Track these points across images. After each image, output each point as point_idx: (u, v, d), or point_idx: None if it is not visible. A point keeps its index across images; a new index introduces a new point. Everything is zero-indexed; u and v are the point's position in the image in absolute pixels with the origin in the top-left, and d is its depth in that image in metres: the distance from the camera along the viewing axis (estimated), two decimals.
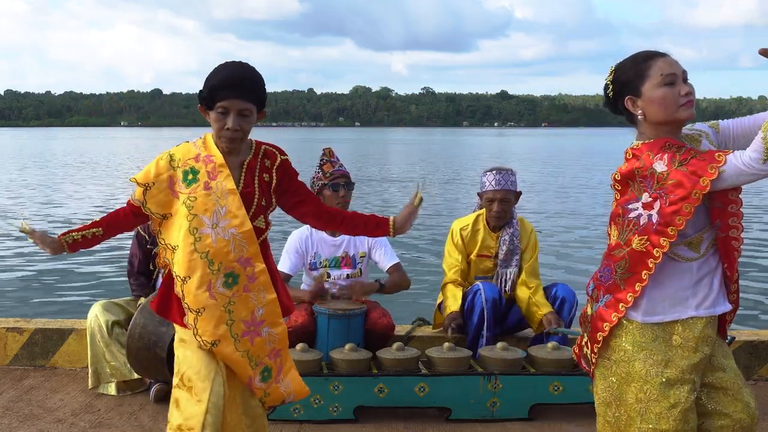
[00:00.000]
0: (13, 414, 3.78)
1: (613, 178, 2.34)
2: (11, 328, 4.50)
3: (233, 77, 2.52)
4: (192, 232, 2.52)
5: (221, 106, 2.52)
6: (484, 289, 4.14)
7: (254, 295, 2.58)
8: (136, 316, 3.81)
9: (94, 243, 2.73)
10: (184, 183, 2.57)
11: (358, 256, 4.36)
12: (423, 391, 3.72)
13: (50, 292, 8.63)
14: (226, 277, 2.53)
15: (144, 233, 4.32)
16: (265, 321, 2.61)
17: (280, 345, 2.67)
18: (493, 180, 4.28)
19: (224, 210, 2.54)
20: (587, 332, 2.44)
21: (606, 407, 2.40)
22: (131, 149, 55.92)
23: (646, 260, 2.25)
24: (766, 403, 4.04)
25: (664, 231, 2.21)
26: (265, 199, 2.65)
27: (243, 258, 2.55)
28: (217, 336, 2.52)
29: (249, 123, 2.58)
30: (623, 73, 2.36)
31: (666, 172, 2.19)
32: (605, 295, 2.35)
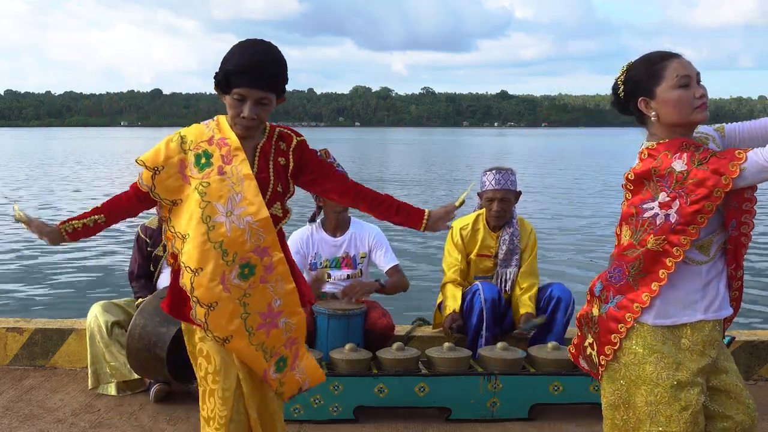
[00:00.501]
0: (13, 414, 3.78)
1: (626, 178, 2.31)
2: (11, 328, 4.50)
3: (251, 63, 2.34)
4: (205, 221, 2.36)
5: (238, 93, 2.36)
6: (483, 289, 4.14)
7: (272, 285, 2.45)
8: (135, 317, 3.81)
9: (95, 231, 2.55)
10: (197, 167, 2.40)
11: (359, 256, 4.36)
12: (423, 391, 3.72)
13: (50, 291, 8.63)
14: (242, 268, 2.38)
15: (144, 236, 4.33)
16: (283, 312, 2.48)
17: (297, 333, 2.56)
18: (493, 180, 4.28)
19: (239, 197, 2.38)
20: (593, 333, 2.40)
21: (614, 410, 2.38)
22: (132, 149, 55.96)
23: (663, 259, 2.22)
24: (766, 403, 4.04)
25: (684, 230, 2.19)
26: (282, 185, 2.50)
27: (260, 248, 2.40)
28: (230, 332, 2.40)
29: (267, 111, 2.42)
30: (636, 73, 2.33)
31: (686, 171, 2.17)
32: (616, 296, 2.32)
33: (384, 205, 2.61)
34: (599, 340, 2.37)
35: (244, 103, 2.37)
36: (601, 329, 2.35)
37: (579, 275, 9.34)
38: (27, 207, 16.80)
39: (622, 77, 2.36)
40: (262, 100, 2.37)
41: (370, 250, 4.39)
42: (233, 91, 2.36)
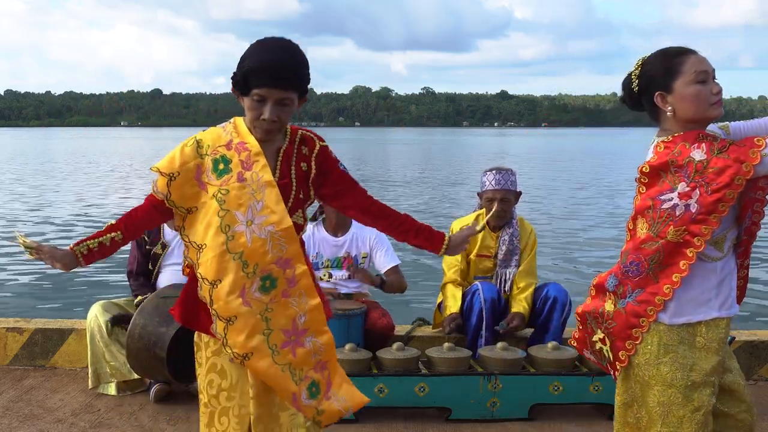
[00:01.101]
0: (13, 414, 3.78)
1: (641, 171, 2.28)
2: (11, 328, 4.50)
3: (271, 62, 2.19)
4: (224, 230, 2.21)
5: (257, 94, 2.21)
6: (482, 290, 4.14)
7: (295, 300, 2.28)
8: (135, 317, 3.81)
9: (112, 250, 2.33)
10: (214, 173, 2.25)
11: (360, 256, 4.36)
12: (423, 391, 3.72)
13: (50, 291, 8.63)
14: (263, 281, 2.23)
15: (143, 234, 4.32)
16: (309, 330, 2.30)
17: (326, 356, 2.35)
18: (493, 180, 4.27)
19: (260, 205, 2.23)
20: (604, 329, 2.36)
21: (626, 408, 2.37)
22: (133, 149, 55.94)
23: (684, 250, 2.21)
24: (766, 403, 4.04)
25: (705, 219, 2.17)
26: (303, 192, 2.36)
27: (282, 259, 2.25)
28: (249, 348, 2.22)
29: (288, 112, 2.27)
30: (653, 67, 2.32)
31: (706, 160, 2.16)
32: (635, 290, 2.28)
33: (404, 226, 2.46)
34: (617, 336, 2.33)
35: (265, 105, 2.22)
36: (619, 325, 2.31)
37: (578, 276, 9.35)
38: (29, 207, 16.79)
39: (637, 71, 2.35)
40: (284, 101, 2.22)
41: (371, 250, 4.39)
42: (252, 92, 2.21)
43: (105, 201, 18.33)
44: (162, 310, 3.79)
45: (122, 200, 18.45)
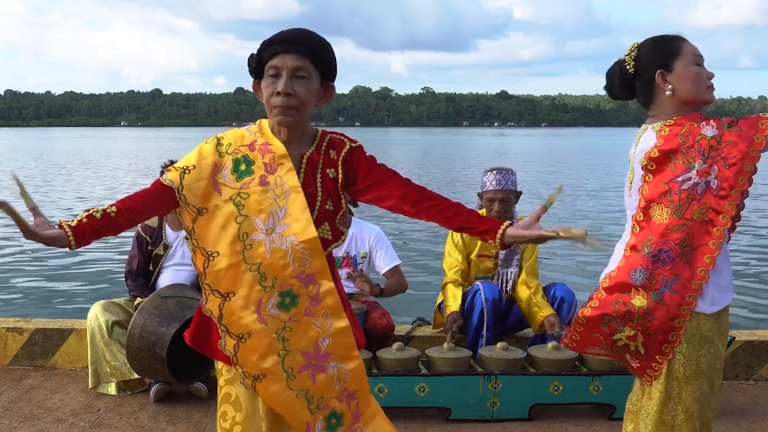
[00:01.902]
0: (13, 414, 3.78)
1: (649, 157, 2.23)
2: (11, 328, 4.50)
3: (286, 32, 2.06)
4: (241, 238, 2.01)
5: (271, 67, 2.03)
6: (483, 289, 4.13)
7: (319, 321, 2.05)
8: (135, 317, 3.81)
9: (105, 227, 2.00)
10: (234, 174, 2.06)
11: (360, 256, 4.36)
12: (423, 391, 3.72)
13: (50, 291, 8.63)
14: (282, 297, 2.03)
15: (145, 235, 4.32)
16: (333, 354, 2.07)
17: (355, 385, 2.11)
18: (493, 180, 4.27)
19: (283, 212, 2.03)
20: (635, 325, 2.25)
21: (663, 405, 2.29)
22: (134, 149, 55.95)
23: (710, 229, 2.18)
24: (766, 403, 4.04)
25: (728, 195, 2.16)
26: (332, 201, 2.12)
27: (304, 274, 2.03)
28: (262, 370, 2.02)
29: (307, 89, 2.04)
30: (651, 48, 2.33)
31: (719, 135, 2.16)
32: (671, 278, 2.20)
33: (458, 218, 2.11)
34: (659, 329, 2.23)
35: (279, 78, 2.02)
36: (660, 318, 2.22)
37: (577, 276, 9.35)
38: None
39: (633, 54, 2.35)
40: (299, 72, 2.02)
41: (371, 250, 4.39)
42: (267, 66, 2.04)
43: (106, 201, 18.33)
44: (162, 310, 3.80)
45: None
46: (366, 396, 2.16)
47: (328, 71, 2.10)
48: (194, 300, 3.89)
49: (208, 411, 3.84)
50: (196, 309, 2.19)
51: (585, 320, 2.31)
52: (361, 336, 2.22)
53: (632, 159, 2.35)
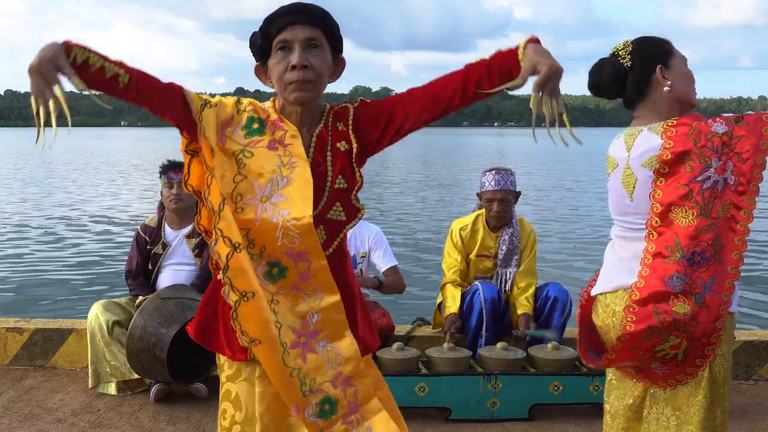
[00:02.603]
0: (13, 414, 3.78)
1: (661, 160, 2.17)
2: (11, 328, 4.50)
3: (291, 4, 1.93)
4: (234, 199, 1.87)
5: (280, 41, 1.89)
6: (482, 289, 4.14)
7: (307, 295, 1.90)
8: (135, 317, 3.81)
9: (108, 85, 1.78)
10: (244, 130, 1.92)
11: (359, 256, 4.36)
12: (423, 391, 3.72)
13: (50, 291, 8.63)
14: (270, 267, 1.89)
15: (144, 235, 4.32)
16: (323, 332, 1.91)
17: (350, 370, 1.93)
18: (492, 180, 4.28)
19: (285, 182, 1.89)
20: (685, 332, 2.16)
21: (708, 410, 2.25)
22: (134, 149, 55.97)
23: (733, 225, 2.17)
24: (766, 403, 4.04)
25: (746, 190, 2.15)
26: (346, 178, 1.96)
27: (294, 251, 1.88)
28: (259, 336, 1.87)
29: (321, 60, 1.90)
30: (649, 45, 2.31)
31: (729, 131, 2.15)
32: (709, 279, 2.14)
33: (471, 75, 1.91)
34: (703, 333, 2.16)
35: (291, 52, 1.88)
36: (704, 321, 2.15)
37: (577, 276, 9.35)
38: (35, 205, 16.79)
39: (628, 48, 2.31)
40: (312, 41, 1.89)
41: (370, 250, 4.39)
42: (275, 41, 1.90)
43: (107, 201, 18.33)
44: (162, 311, 3.80)
45: (127, 199, 18.48)
46: (368, 386, 1.97)
47: (338, 43, 1.98)
48: (194, 301, 3.89)
49: (208, 411, 3.84)
50: (200, 302, 2.09)
51: (628, 336, 2.19)
52: (374, 340, 2.10)
53: (627, 163, 2.26)
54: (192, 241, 4.28)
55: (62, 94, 1.70)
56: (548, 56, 1.82)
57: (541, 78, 1.80)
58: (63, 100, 1.70)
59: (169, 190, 4.25)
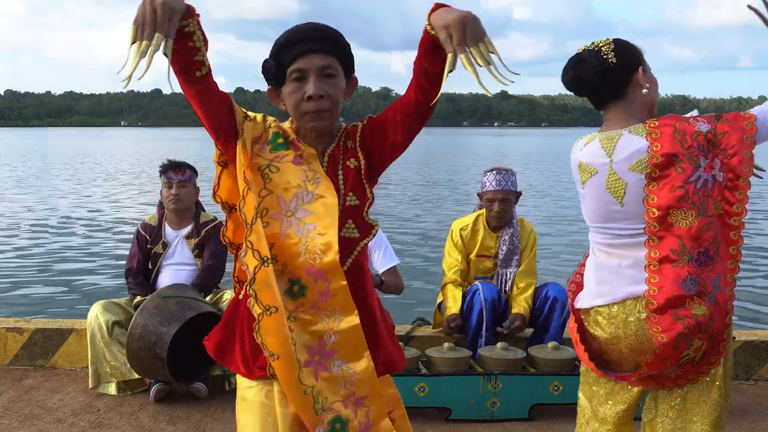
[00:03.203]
0: (13, 414, 3.78)
1: (652, 164, 2.14)
2: (11, 328, 4.50)
3: (302, 29, 1.91)
4: (260, 213, 1.87)
5: (295, 70, 1.87)
6: (482, 289, 4.14)
7: (326, 315, 1.89)
8: (136, 316, 3.81)
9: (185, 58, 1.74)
10: (270, 145, 1.93)
11: None
12: (423, 391, 3.72)
13: (51, 291, 8.63)
14: (291, 284, 1.88)
15: (144, 233, 4.33)
16: (338, 352, 1.89)
17: (364, 391, 1.92)
18: (493, 180, 4.28)
19: (310, 197, 1.90)
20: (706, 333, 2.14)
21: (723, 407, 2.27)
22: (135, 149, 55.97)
23: (728, 221, 2.17)
24: (766, 403, 4.05)
25: (736, 185, 2.15)
26: (357, 195, 1.96)
27: (314, 269, 1.87)
28: (280, 352, 1.85)
29: (336, 87, 1.90)
30: (630, 46, 2.29)
31: (712, 129, 2.15)
32: (715, 277, 2.15)
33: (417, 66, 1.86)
34: (718, 332, 2.16)
35: (306, 81, 1.88)
36: (719, 319, 2.16)
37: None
38: (34, 205, 16.79)
39: (611, 46, 2.26)
40: (327, 70, 1.88)
41: (370, 250, 4.39)
42: (289, 70, 1.88)
43: (107, 200, 18.33)
44: (162, 310, 3.80)
45: (127, 198, 18.48)
46: (381, 407, 1.95)
47: (351, 65, 1.97)
48: (195, 300, 3.90)
49: (208, 411, 3.84)
50: (221, 319, 2.07)
51: (661, 348, 2.15)
52: (401, 358, 2.07)
53: (611, 168, 2.21)
54: (191, 242, 4.28)
55: (159, 42, 1.62)
56: (453, 11, 1.72)
57: (456, 36, 1.67)
58: (155, 49, 1.61)
59: (169, 190, 4.25)
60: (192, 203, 4.35)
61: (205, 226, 4.29)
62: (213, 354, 2.06)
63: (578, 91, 2.34)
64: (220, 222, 4.35)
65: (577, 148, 2.37)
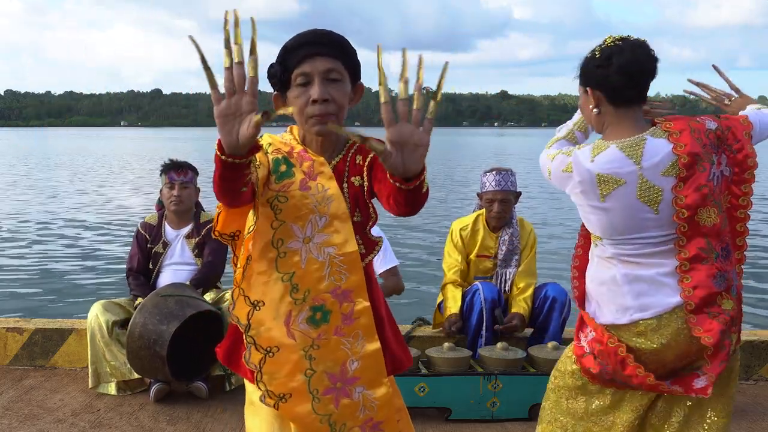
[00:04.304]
0: (13, 414, 3.78)
1: (681, 164, 2.11)
2: (11, 328, 4.50)
3: (308, 33, 1.90)
4: (275, 245, 1.85)
5: (300, 74, 1.86)
6: (482, 290, 4.14)
7: (349, 341, 1.89)
8: (135, 315, 3.81)
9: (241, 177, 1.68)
10: (274, 175, 1.89)
11: None
12: (423, 391, 3.72)
13: (50, 291, 8.63)
14: (313, 311, 1.87)
15: (144, 233, 4.32)
16: (361, 379, 1.90)
17: (382, 416, 1.93)
18: (493, 180, 4.28)
19: (324, 220, 1.88)
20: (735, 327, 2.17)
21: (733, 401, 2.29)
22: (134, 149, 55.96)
23: (735, 213, 2.21)
24: (766, 403, 4.05)
25: (742, 178, 2.18)
26: (360, 211, 1.95)
27: (340, 290, 1.87)
28: (288, 389, 1.86)
29: (342, 92, 1.88)
30: None
31: (720, 126, 2.18)
32: (732, 270, 2.18)
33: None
34: (737, 320, 2.19)
35: (311, 85, 1.86)
36: (739, 309, 2.19)
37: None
38: (34, 205, 16.79)
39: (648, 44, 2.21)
40: (331, 74, 1.86)
41: None
42: (294, 74, 1.86)
43: (107, 200, 18.33)
44: (162, 308, 3.80)
45: (126, 198, 18.48)
46: (393, 427, 1.98)
47: (357, 70, 1.95)
48: (194, 299, 3.90)
49: (208, 411, 3.84)
50: (230, 325, 2.06)
51: (712, 349, 2.14)
52: (407, 357, 2.07)
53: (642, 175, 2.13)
54: (192, 241, 4.27)
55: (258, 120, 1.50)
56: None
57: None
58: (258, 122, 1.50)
59: (170, 191, 4.24)
60: (193, 204, 4.34)
61: (205, 226, 4.29)
62: (223, 360, 2.07)
63: (639, 75, 2.18)
64: None
65: (581, 159, 2.20)
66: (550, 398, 2.42)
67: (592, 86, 2.22)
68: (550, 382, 2.44)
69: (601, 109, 2.23)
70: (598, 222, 2.22)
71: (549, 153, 2.35)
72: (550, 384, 2.44)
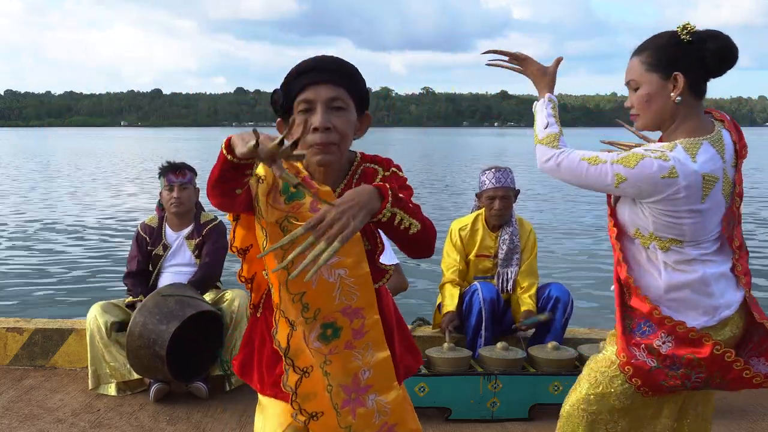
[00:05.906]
0: (13, 414, 3.78)
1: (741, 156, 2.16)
2: (11, 328, 4.50)
3: (313, 60, 1.87)
4: (286, 266, 1.78)
5: (303, 101, 1.81)
6: (481, 289, 4.13)
7: (360, 353, 1.90)
8: (135, 315, 3.81)
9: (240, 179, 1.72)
10: (284, 195, 1.84)
11: None
12: (423, 391, 3.72)
13: (50, 292, 8.63)
14: (324, 328, 1.86)
15: (144, 234, 4.32)
16: (373, 386, 1.92)
17: (395, 418, 1.98)
18: (492, 178, 4.28)
19: None
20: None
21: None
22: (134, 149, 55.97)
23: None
24: (766, 404, 4.04)
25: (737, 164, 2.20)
26: (368, 239, 1.92)
27: (350, 308, 1.86)
28: (322, 407, 1.90)
29: (346, 121, 1.84)
30: None
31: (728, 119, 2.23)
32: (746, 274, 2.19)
33: None
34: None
35: (314, 113, 1.81)
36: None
37: (575, 275, 9.36)
38: (34, 206, 16.79)
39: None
40: (335, 102, 1.82)
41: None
42: (297, 100, 1.82)
43: (107, 200, 18.33)
44: (162, 308, 3.80)
45: (126, 199, 18.48)
46: (406, 427, 2.03)
47: (364, 100, 1.90)
48: (194, 299, 3.90)
49: (208, 411, 3.84)
50: (243, 339, 2.08)
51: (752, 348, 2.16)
52: (415, 361, 2.10)
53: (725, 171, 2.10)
54: (192, 243, 4.27)
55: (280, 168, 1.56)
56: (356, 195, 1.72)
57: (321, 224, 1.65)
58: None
59: (170, 193, 4.23)
60: (193, 205, 4.34)
61: (205, 226, 4.28)
62: (238, 372, 2.08)
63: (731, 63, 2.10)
64: (220, 221, 4.35)
65: (683, 161, 2.03)
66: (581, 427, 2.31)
67: (684, 70, 2.08)
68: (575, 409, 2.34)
69: (683, 99, 2.10)
70: (692, 225, 2.08)
71: (584, 155, 2.24)
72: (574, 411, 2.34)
